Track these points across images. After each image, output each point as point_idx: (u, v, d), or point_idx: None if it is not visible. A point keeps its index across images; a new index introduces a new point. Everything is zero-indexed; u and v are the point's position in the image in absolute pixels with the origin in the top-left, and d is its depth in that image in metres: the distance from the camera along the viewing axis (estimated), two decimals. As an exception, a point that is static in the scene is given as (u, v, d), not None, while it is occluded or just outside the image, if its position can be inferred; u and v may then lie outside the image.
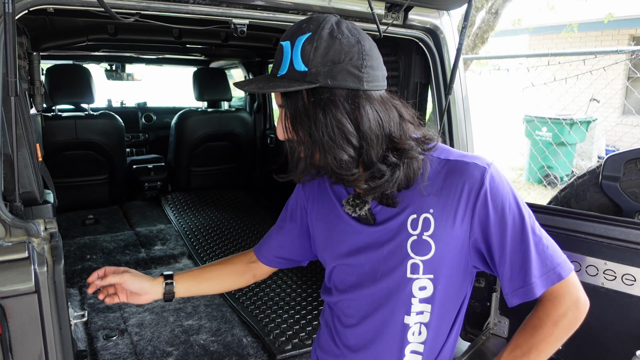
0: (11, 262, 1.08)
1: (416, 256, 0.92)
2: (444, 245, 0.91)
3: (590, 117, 6.55)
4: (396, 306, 0.96)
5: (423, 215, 0.91)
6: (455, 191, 0.89)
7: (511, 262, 0.88)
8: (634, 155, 1.54)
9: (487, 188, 0.87)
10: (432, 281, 0.93)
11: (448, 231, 0.90)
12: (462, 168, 0.90)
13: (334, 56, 0.82)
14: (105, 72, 4.25)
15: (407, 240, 0.92)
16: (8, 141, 1.11)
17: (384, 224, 0.95)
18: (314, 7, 1.52)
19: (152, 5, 1.28)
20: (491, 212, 0.88)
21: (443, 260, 0.91)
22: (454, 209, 0.89)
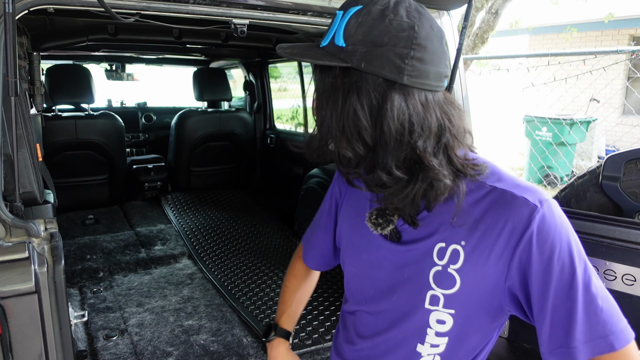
0: (11, 262, 1.08)
1: (438, 288, 0.82)
2: (472, 283, 0.80)
3: (590, 117, 6.55)
4: (410, 333, 0.88)
5: (453, 246, 0.80)
6: (495, 227, 0.77)
7: (552, 319, 0.75)
8: (634, 155, 1.54)
9: (534, 231, 0.74)
10: (452, 316, 0.83)
11: (478, 269, 0.79)
12: (508, 202, 0.77)
13: (377, 37, 0.70)
14: (105, 72, 4.25)
15: (431, 270, 0.83)
16: (8, 141, 1.11)
17: (409, 245, 0.85)
18: (314, 7, 1.52)
19: (152, 5, 1.28)
20: (535, 258, 0.75)
21: (468, 297, 0.81)
22: (489, 246, 0.77)
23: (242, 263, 2.94)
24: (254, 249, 3.17)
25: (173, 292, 2.55)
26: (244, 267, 2.87)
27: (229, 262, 2.94)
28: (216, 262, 2.95)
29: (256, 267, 2.89)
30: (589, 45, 8.69)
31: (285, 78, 5.33)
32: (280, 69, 4.87)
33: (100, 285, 2.60)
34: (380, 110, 0.71)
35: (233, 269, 2.85)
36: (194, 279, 2.71)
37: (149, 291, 2.55)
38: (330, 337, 2.10)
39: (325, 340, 2.07)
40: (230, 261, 2.96)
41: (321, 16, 1.57)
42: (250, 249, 3.18)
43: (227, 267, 2.88)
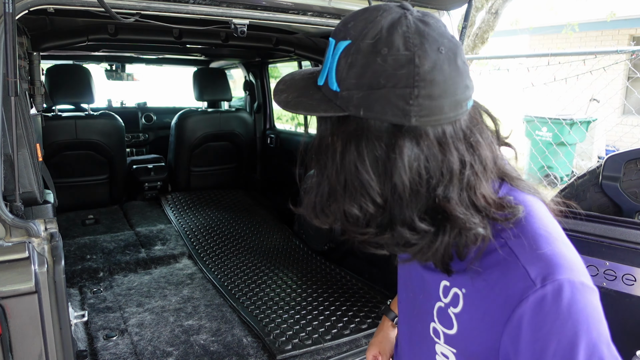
0: (11, 262, 1.08)
1: (439, 323, 0.76)
2: (468, 334, 0.71)
3: (590, 117, 6.55)
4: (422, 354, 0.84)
5: (454, 289, 0.72)
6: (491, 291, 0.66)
7: None
8: (634, 155, 1.54)
9: (526, 313, 0.61)
10: (455, 355, 0.75)
11: (474, 324, 0.69)
12: (510, 268, 0.64)
13: (372, 80, 0.59)
14: (105, 72, 4.25)
15: (435, 304, 0.76)
16: (8, 141, 1.11)
17: (428, 269, 0.78)
18: (314, 7, 1.52)
19: (152, 5, 1.28)
20: (524, 346, 0.61)
21: (466, 344, 0.72)
22: (485, 308, 0.67)
23: (242, 263, 2.94)
24: (254, 249, 3.17)
25: (173, 292, 2.55)
26: (244, 267, 2.87)
27: (229, 262, 2.94)
28: (216, 262, 2.95)
29: (256, 267, 2.89)
30: (589, 45, 8.69)
31: (285, 78, 5.33)
32: (280, 69, 4.87)
33: (100, 285, 2.60)
34: (388, 162, 0.60)
35: (233, 269, 2.85)
36: (194, 279, 2.71)
37: (149, 291, 2.55)
38: (330, 337, 2.10)
39: (325, 340, 2.07)
40: (230, 261, 2.96)
41: (321, 16, 1.57)
42: (250, 249, 3.18)
43: (227, 267, 2.88)
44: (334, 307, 2.39)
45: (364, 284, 2.66)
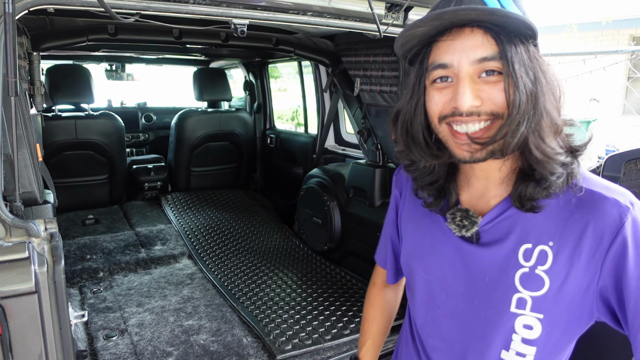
0: (11, 262, 1.08)
1: (525, 290, 0.78)
2: (561, 284, 0.75)
3: (590, 117, 6.55)
4: (493, 340, 0.82)
5: (540, 247, 0.76)
6: (585, 229, 0.73)
7: None
8: (634, 155, 1.54)
9: (628, 233, 0.70)
10: (540, 322, 0.78)
11: (568, 270, 0.75)
12: (596, 202, 0.73)
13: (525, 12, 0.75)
14: (105, 72, 4.25)
15: (517, 272, 0.78)
16: (8, 141, 1.11)
17: (490, 246, 0.81)
18: (314, 7, 1.52)
19: (152, 6, 1.28)
20: (631, 264, 0.70)
21: (558, 300, 0.76)
22: (579, 248, 0.74)
23: (242, 263, 2.94)
24: (254, 249, 3.17)
25: (173, 292, 2.55)
26: (244, 267, 2.87)
27: (229, 262, 2.94)
28: (216, 262, 2.95)
29: (256, 267, 2.89)
30: (589, 45, 8.69)
31: (285, 78, 5.33)
32: (280, 69, 4.87)
33: (100, 285, 2.60)
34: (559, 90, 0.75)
35: (233, 269, 2.85)
36: (194, 279, 2.71)
37: (149, 291, 2.55)
38: (331, 337, 2.10)
39: (325, 340, 2.07)
40: (230, 261, 2.96)
41: (321, 16, 1.57)
42: (250, 249, 3.18)
43: (227, 267, 2.88)
44: (334, 307, 2.39)
45: (364, 284, 2.66)
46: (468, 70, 0.71)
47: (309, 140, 3.75)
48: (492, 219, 0.81)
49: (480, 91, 0.71)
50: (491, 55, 0.70)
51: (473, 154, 0.74)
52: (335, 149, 3.51)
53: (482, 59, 0.70)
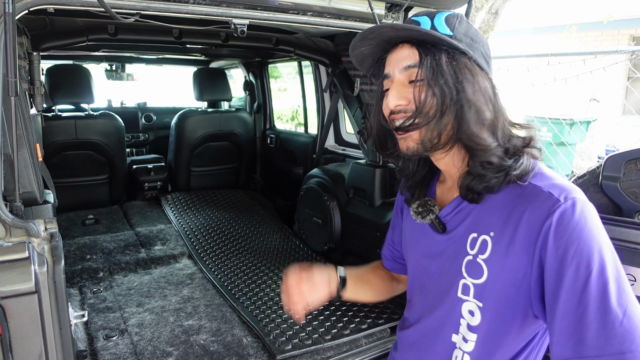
0: (11, 262, 1.08)
1: (468, 277, 0.86)
2: (497, 273, 0.82)
3: (590, 117, 6.55)
4: (446, 322, 0.92)
5: (482, 237, 0.85)
6: (520, 220, 0.79)
7: (561, 323, 0.72)
8: (634, 155, 1.54)
9: (552, 224, 0.74)
10: (480, 309, 0.85)
11: (503, 260, 0.81)
12: (533, 194, 0.79)
13: (474, 35, 0.85)
14: (105, 72, 4.25)
15: (464, 259, 0.87)
16: (8, 141, 1.11)
17: (450, 234, 0.92)
18: (314, 7, 1.52)
19: (152, 6, 1.28)
20: (550, 253, 0.74)
21: (494, 290, 0.83)
22: (513, 238, 0.79)
23: (242, 263, 2.94)
24: (254, 249, 3.17)
25: (173, 292, 2.55)
26: (244, 267, 2.87)
27: (229, 262, 2.94)
28: (216, 262, 2.95)
29: (256, 267, 2.89)
30: (589, 45, 8.70)
31: (285, 78, 5.33)
32: (280, 69, 4.87)
33: (100, 285, 2.60)
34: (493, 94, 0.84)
35: (233, 269, 2.85)
36: (194, 279, 2.71)
37: (149, 291, 2.55)
38: (331, 337, 2.10)
39: (325, 340, 2.07)
40: (230, 261, 2.96)
41: (321, 16, 1.57)
42: (250, 249, 3.18)
43: (227, 267, 2.88)
44: (334, 307, 2.39)
45: (364, 284, 2.65)
46: (399, 77, 0.87)
47: (309, 140, 3.75)
48: (452, 210, 0.92)
49: (407, 92, 0.85)
50: (414, 63, 0.84)
51: (408, 147, 0.87)
52: (335, 149, 3.51)
53: (407, 67, 0.85)
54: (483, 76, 0.84)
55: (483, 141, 0.81)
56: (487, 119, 0.81)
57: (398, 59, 0.86)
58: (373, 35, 0.86)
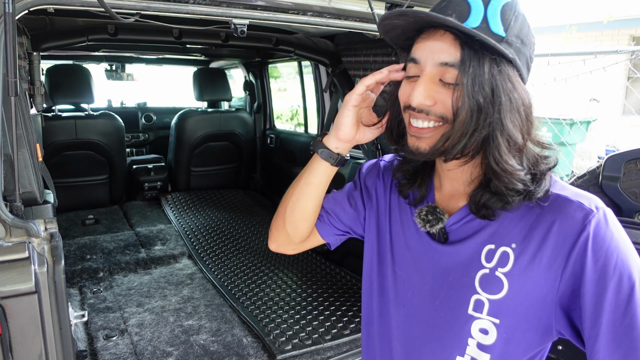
0: (11, 262, 1.08)
1: (483, 292, 0.77)
2: (520, 289, 0.74)
3: (590, 117, 6.55)
4: (451, 342, 0.81)
5: (502, 249, 0.77)
6: (548, 231, 0.73)
7: (606, 338, 0.68)
8: (634, 155, 1.54)
9: (590, 235, 0.69)
10: (496, 327, 0.77)
11: (528, 274, 0.74)
12: (561, 205, 0.73)
13: (525, 36, 0.73)
14: (105, 72, 4.25)
15: (477, 273, 0.78)
16: (8, 141, 1.11)
17: (456, 245, 0.82)
18: (314, 7, 1.52)
19: (152, 6, 1.28)
20: (589, 266, 0.68)
21: (515, 306, 0.75)
22: (541, 251, 0.73)
23: (242, 263, 2.94)
24: (254, 249, 3.17)
25: (173, 292, 2.55)
26: (244, 267, 2.87)
27: (229, 262, 2.94)
28: (216, 262, 2.95)
29: (256, 267, 2.89)
30: (589, 45, 8.70)
31: (285, 78, 5.33)
32: (280, 69, 4.87)
33: (100, 285, 2.60)
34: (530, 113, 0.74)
35: (233, 269, 2.85)
36: (194, 279, 2.71)
37: (149, 291, 2.55)
38: (331, 337, 2.10)
39: (325, 340, 2.07)
40: (230, 261, 2.96)
41: (321, 16, 1.57)
42: (250, 249, 3.18)
43: (227, 267, 2.88)
44: (334, 307, 2.39)
45: (364, 284, 2.66)
46: (430, 71, 0.74)
47: (309, 141, 3.75)
48: (459, 220, 0.82)
49: (436, 92, 0.74)
50: (452, 62, 0.72)
51: (418, 148, 0.78)
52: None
53: (443, 64, 0.73)
54: (523, 90, 0.73)
55: (510, 168, 0.73)
56: (518, 143, 0.73)
57: (434, 50, 0.74)
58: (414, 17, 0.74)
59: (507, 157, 0.72)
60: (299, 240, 1.02)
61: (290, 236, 1.00)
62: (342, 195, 1.04)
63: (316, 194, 0.96)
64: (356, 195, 1.02)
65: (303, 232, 1.00)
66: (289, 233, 1.00)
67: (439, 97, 0.74)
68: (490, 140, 0.72)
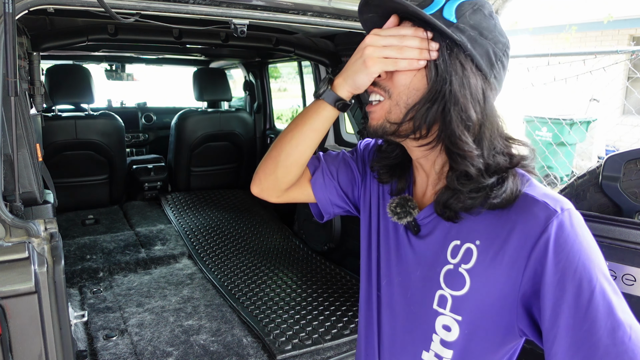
0: (11, 262, 1.08)
1: (447, 288, 0.78)
2: (482, 286, 0.75)
3: (590, 117, 6.55)
4: (417, 336, 0.83)
5: (467, 245, 0.77)
6: (505, 227, 0.73)
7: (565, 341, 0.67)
8: (634, 155, 1.54)
9: (551, 236, 0.68)
10: (459, 324, 0.77)
11: (490, 271, 0.74)
12: (526, 204, 0.73)
13: (485, 30, 0.75)
14: (105, 72, 4.25)
15: (443, 268, 0.79)
16: (8, 141, 1.11)
17: (426, 239, 0.83)
18: (314, 7, 1.52)
19: (152, 6, 1.28)
20: (549, 267, 0.68)
21: (477, 303, 0.76)
22: (503, 249, 0.73)
23: (242, 263, 2.94)
24: (254, 249, 3.17)
25: (173, 292, 2.55)
26: (244, 267, 2.87)
27: (229, 262, 2.94)
28: (216, 262, 2.95)
29: (256, 267, 2.89)
30: (589, 45, 8.70)
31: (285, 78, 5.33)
32: (280, 69, 4.87)
33: (100, 285, 2.60)
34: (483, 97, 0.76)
35: (233, 269, 2.85)
36: (194, 279, 2.71)
37: (148, 291, 2.55)
38: (331, 337, 2.10)
39: (325, 340, 2.07)
40: (230, 261, 2.96)
41: (321, 16, 1.57)
42: (250, 249, 3.18)
43: (227, 267, 2.88)
44: (334, 307, 2.39)
45: (364, 284, 2.66)
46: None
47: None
48: (429, 214, 0.83)
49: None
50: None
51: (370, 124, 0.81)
52: (335, 149, 3.51)
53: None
54: (475, 75, 0.75)
55: (463, 145, 0.74)
56: (472, 121, 0.74)
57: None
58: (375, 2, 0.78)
59: (460, 131, 0.74)
60: (286, 187, 0.99)
61: (279, 181, 0.97)
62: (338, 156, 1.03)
63: (318, 140, 0.93)
64: (352, 163, 1.01)
65: (293, 178, 0.97)
66: (278, 177, 0.96)
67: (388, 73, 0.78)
68: (446, 112, 0.74)
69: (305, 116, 0.91)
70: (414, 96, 0.76)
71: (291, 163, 0.94)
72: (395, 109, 0.78)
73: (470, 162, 0.74)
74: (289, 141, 0.93)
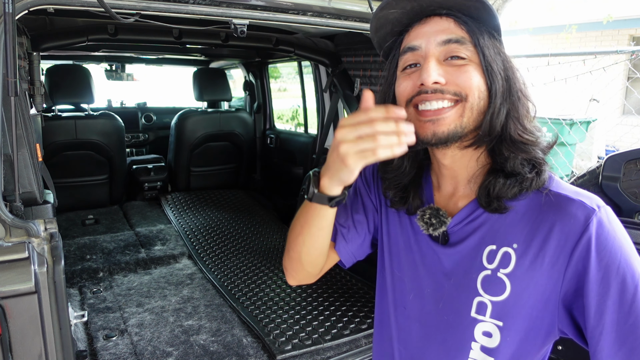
0: (11, 262, 1.08)
1: (486, 294, 0.76)
2: (523, 290, 0.73)
3: (590, 117, 6.55)
4: (454, 346, 0.80)
5: (504, 249, 0.75)
6: (543, 229, 0.72)
7: (610, 337, 0.67)
8: (634, 155, 1.54)
9: (592, 235, 0.68)
10: (499, 329, 0.75)
11: (531, 274, 0.73)
12: (562, 204, 0.72)
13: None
14: (105, 72, 4.25)
15: (479, 274, 0.77)
16: (8, 141, 1.11)
17: (457, 246, 0.80)
18: (314, 7, 1.52)
19: (152, 6, 1.28)
20: (593, 265, 0.68)
21: (518, 307, 0.74)
22: (543, 251, 0.72)
23: (242, 263, 2.94)
24: (254, 249, 3.17)
25: (173, 292, 2.55)
26: (244, 267, 2.87)
27: (229, 262, 2.94)
28: (216, 262, 2.95)
29: (256, 267, 2.89)
30: (589, 45, 8.70)
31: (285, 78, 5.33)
32: (280, 69, 4.87)
33: (100, 286, 2.60)
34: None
35: (233, 269, 2.85)
36: (194, 279, 2.71)
37: (148, 291, 2.55)
38: (330, 337, 2.10)
39: (325, 340, 2.07)
40: (230, 261, 2.96)
41: (321, 16, 1.57)
42: (250, 249, 3.18)
43: (227, 267, 2.88)
44: (334, 307, 2.39)
45: (363, 284, 2.66)
46: (434, 52, 0.73)
47: (309, 141, 3.75)
48: (461, 221, 0.81)
49: (445, 72, 0.73)
50: (456, 38, 0.72)
51: (435, 132, 0.74)
52: (335, 149, 3.50)
53: (447, 41, 0.73)
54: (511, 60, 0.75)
55: (531, 136, 0.73)
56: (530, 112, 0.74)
57: (433, 31, 0.74)
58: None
59: (529, 125, 0.74)
60: (319, 271, 0.98)
61: (312, 272, 0.96)
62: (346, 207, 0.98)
63: (329, 231, 0.89)
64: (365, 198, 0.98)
65: (322, 263, 0.96)
66: (309, 270, 0.95)
67: (449, 77, 0.72)
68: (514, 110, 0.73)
69: (308, 219, 0.87)
70: (484, 97, 0.73)
71: (315, 258, 0.92)
72: (468, 113, 0.73)
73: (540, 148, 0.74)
74: (304, 244, 0.90)
